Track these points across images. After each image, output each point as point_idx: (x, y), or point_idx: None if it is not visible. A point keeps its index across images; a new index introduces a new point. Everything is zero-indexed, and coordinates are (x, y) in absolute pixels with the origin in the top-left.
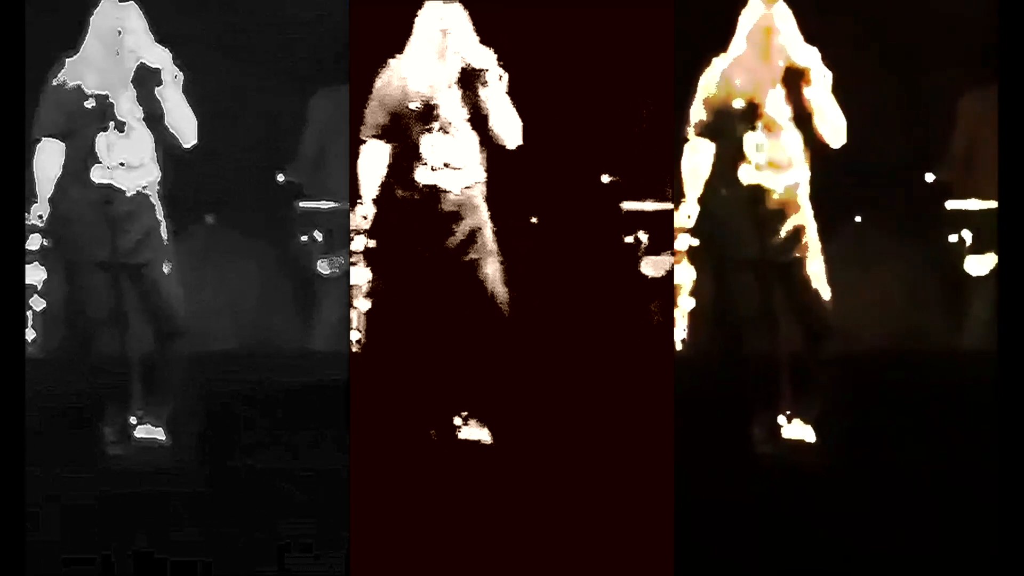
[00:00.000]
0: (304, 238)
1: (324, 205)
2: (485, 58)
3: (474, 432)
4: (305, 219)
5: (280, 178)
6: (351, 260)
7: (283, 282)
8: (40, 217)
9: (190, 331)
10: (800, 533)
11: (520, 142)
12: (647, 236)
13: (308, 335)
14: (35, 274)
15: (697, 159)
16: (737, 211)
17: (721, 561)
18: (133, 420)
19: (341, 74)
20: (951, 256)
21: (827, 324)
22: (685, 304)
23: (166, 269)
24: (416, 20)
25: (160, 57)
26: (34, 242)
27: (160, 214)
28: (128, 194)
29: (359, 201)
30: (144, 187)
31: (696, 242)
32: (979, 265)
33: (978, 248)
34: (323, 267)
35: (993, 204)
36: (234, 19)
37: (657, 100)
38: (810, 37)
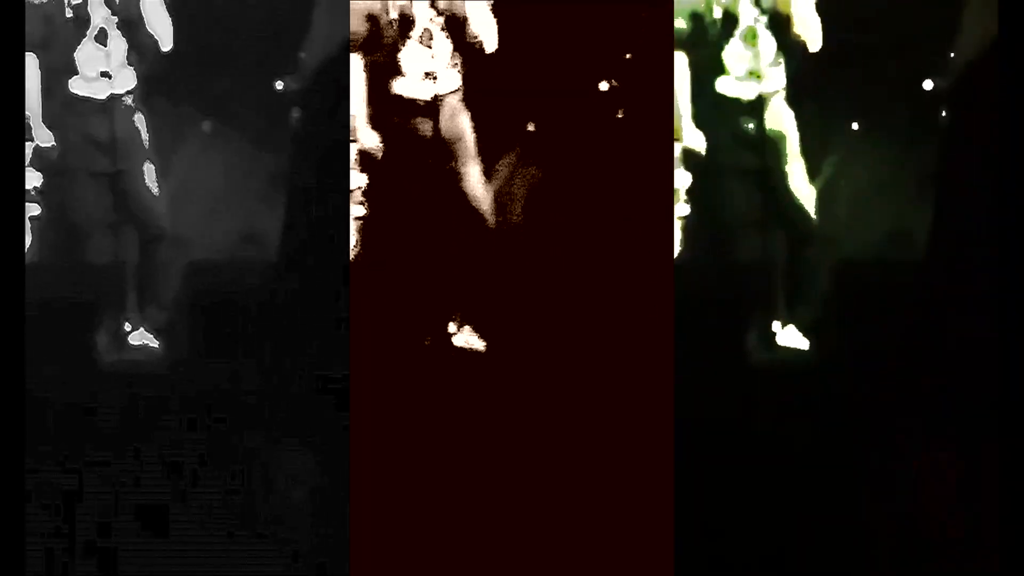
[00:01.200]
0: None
1: None
2: None
3: (468, 339)
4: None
5: (279, 85)
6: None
7: (278, 190)
8: (30, 128)
9: (172, 236)
10: (794, 434)
11: (496, 46)
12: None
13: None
14: (31, 179)
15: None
16: (718, 121)
17: (720, 467)
18: (127, 326)
19: None
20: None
21: (810, 230)
22: (680, 210)
23: (146, 175)
24: None
25: None
26: (27, 148)
27: (140, 122)
28: (106, 102)
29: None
30: (122, 95)
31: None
32: None
33: None
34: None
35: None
36: None
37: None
38: None
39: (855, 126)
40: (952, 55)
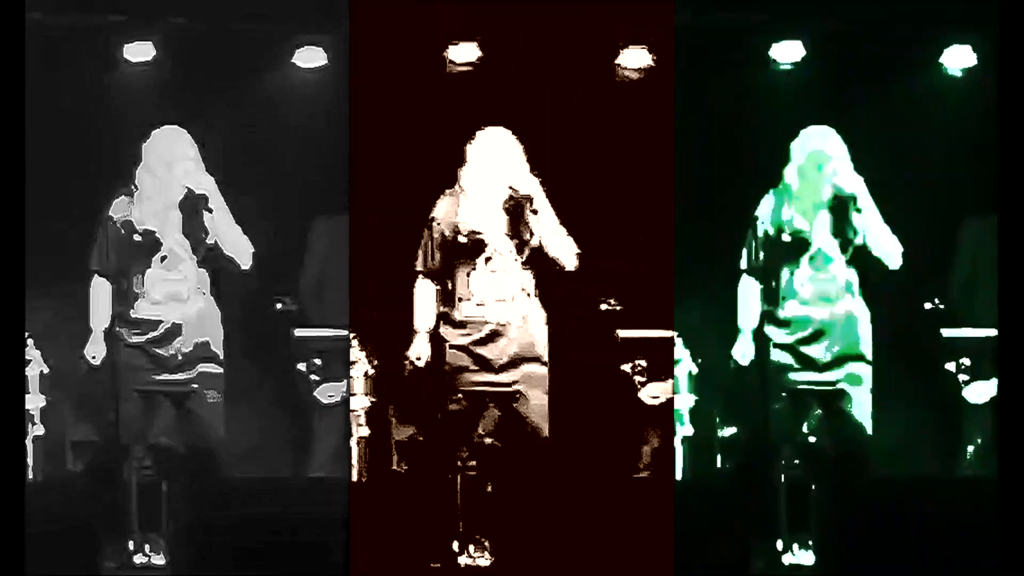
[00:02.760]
0: (302, 366)
1: (322, 333)
2: (533, 185)
3: (474, 558)
4: (303, 346)
5: (279, 306)
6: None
7: (282, 411)
8: (93, 357)
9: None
10: None
11: (577, 263)
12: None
13: (307, 464)
14: (33, 401)
15: (747, 296)
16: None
17: None
18: (131, 546)
19: (340, 204)
20: (949, 384)
21: (866, 455)
22: (684, 430)
23: (212, 399)
24: (469, 149)
25: (207, 183)
26: (32, 368)
27: (216, 343)
28: (178, 324)
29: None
30: (193, 317)
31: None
32: (978, 394)
33: (977, 376)
34: (323, 395)
35: (992, 332)
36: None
37: (657, 228)
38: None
39: None
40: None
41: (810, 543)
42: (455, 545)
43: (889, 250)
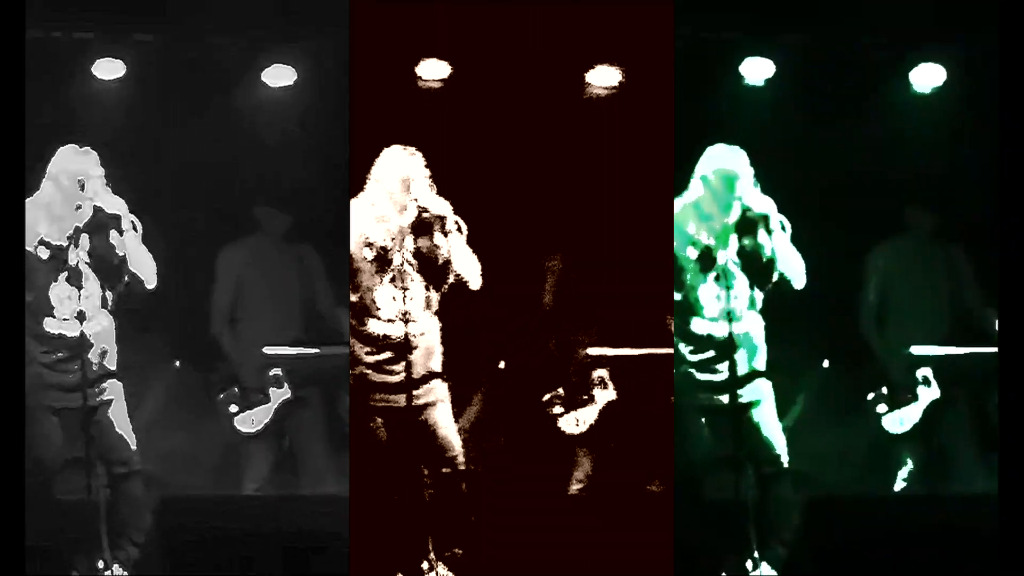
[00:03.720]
0: (222, 395)
1: (289, 351)
2: (444, 206)
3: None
4: (225, 376)
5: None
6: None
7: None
8: None
9: (143, 471)
10: None
11: (480, 284)
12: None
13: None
14: None
15: None
16: (691, 359)
17: None
18: (101, 564)
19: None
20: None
21: (780, 466)
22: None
23: (114, 412)
24: (374, 167)
25: (118, 204)
26: None
27: (113, 360)
28: (79, 341)
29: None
30: (97, 334)
31: None
32: (898, 422)
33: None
34: (241, 425)
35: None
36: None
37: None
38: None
39: (826, 363)
40: None
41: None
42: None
43: (796, 269)
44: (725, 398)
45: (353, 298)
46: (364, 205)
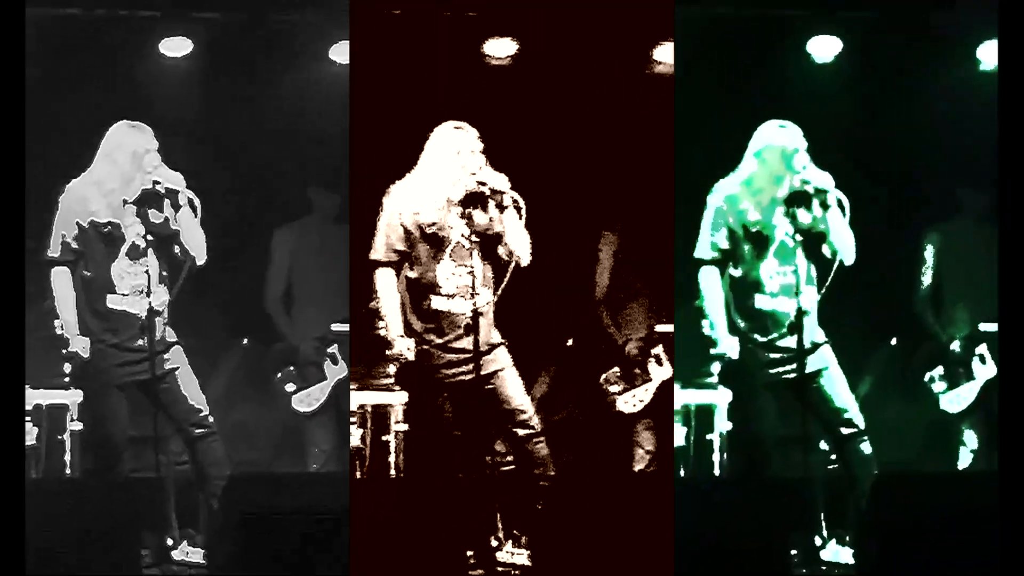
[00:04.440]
0: (279, 375)
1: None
2: (501, 181)
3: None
4: (281, 356)
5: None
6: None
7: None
8: (83, 348)
9: (218, 430)
10: None
11: (529, 260)
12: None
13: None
14: (71, 396)
15: (711, 285)
16: (756, 336)
17: None
18: (170, 542)
19: (302, 208)
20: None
21: (856, 426)
22: (722, 426)
23: (182, 377)
24: (429, 142)
25: (175, 179)
26: (68, 366)
27: (172, 333)
28: (141, 317)
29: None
30: (157, 309)
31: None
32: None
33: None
34: (299, 404)
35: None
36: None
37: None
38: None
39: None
40: None
41: (847, 539)
42: (493, 540)
43: (847, 245)
44: (793, 373)
45: (412, 274)
46: (412, 183)
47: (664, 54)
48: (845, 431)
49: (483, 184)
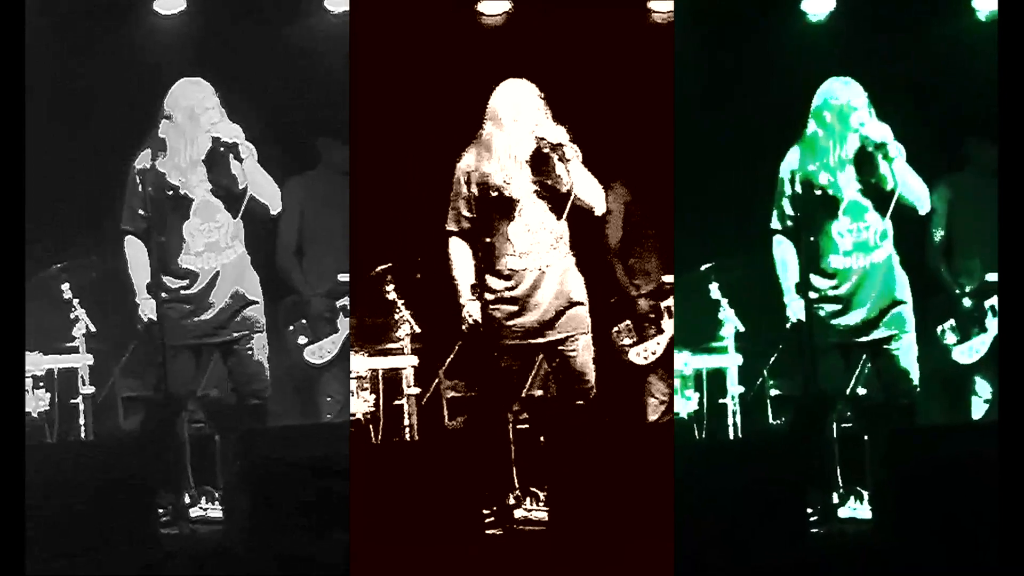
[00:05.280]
0: (290, 328)
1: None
2: (560, 133)
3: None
4: (293, 308)
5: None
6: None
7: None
8: (148, 316)
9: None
10: None
11: (605, 208)
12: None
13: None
14: (81, 360)
15: (779, 254)
16: (829, 293)
17: None
18: (187, 499)
19: (312, 160)
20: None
21: (914, 397)
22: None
23: (258, 342)
24: (491, 101)
25: (235, 131)
26: (78, 329)
27: (255, 290)
28: (218, 274)
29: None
30: (231, 263)
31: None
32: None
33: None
34: (311, 356)
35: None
36: None
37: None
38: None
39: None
40: None
41: (865, 495)
42: (511, 499)
43: (919, 195)
44: (863, 333)
45: (487, 239)
46: (477, 148)
47: (662, 4)
48: (903, 401)
49: (541, 139)
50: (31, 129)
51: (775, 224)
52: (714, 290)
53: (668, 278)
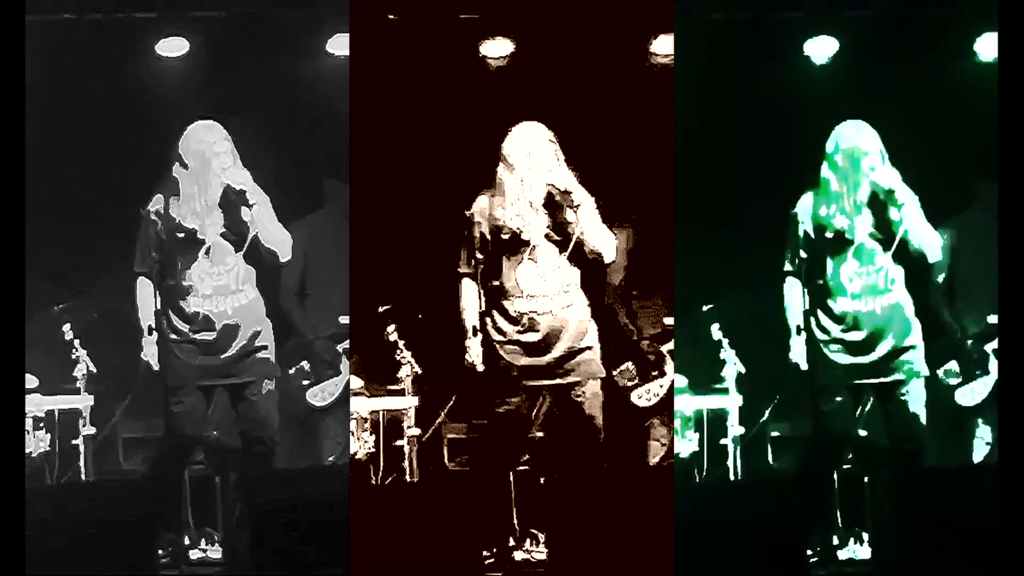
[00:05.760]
0: (292, 371)
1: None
2: (569, 180)
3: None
4: (295, 350)
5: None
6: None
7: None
8: (153, 359)
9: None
10: None
11: (614, 256)
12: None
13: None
14: (82, 401)
15: (787, 295)
16: (837, 337)
17: None
18: (187, 540)
19: (316, 202)
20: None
21: (920, 444)
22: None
23: (267, 388)
24: (505, 145)
25: (244, 178)
26: (79, 370)
27: (267, 333)
28: (228, 317)
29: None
30: (243, 307)
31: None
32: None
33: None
34: (313, 399)
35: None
36: None
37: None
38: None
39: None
40: None
41: (865, 537)
42: (511, 540)
43: (930, 242)
44: (872, 376)
45: (495, 281)
46: (490, 192)
47: (663, 47)
48: (908, 447)
49: (551, 185)
50: (31, 172)
51: (787, 267)
52: (715, 331)
53: (669, 320)
